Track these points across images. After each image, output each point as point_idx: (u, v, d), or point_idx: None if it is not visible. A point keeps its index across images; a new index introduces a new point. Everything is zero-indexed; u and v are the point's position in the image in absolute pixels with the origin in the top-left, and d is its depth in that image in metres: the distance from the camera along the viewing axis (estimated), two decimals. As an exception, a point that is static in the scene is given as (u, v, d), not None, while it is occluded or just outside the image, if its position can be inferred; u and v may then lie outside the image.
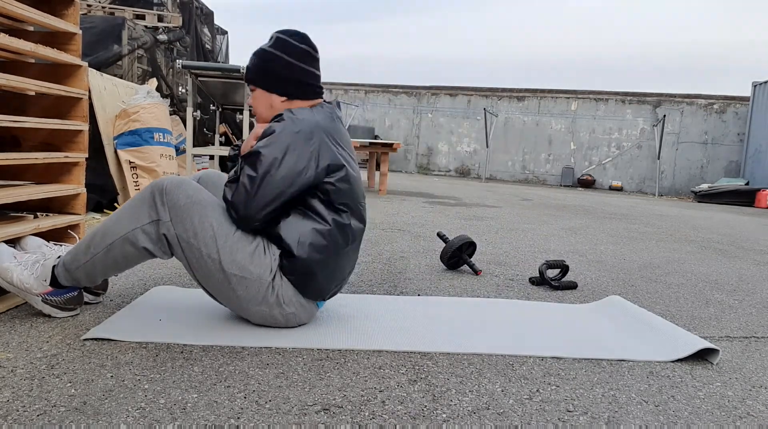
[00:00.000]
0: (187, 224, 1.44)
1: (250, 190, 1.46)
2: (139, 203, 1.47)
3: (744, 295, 2.49)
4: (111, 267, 1.50)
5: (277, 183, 1.46)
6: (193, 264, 1.48)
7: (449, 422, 1.13)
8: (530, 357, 1.52)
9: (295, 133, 1.48)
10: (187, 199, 1.45)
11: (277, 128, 1.48)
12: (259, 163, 1.46)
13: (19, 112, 2.00)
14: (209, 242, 1.45)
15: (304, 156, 1.48)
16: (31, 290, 1.52)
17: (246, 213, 1.47)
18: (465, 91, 14.34)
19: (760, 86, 11.77)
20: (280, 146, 1.46)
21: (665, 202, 10.17)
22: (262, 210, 1.47)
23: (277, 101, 1.61)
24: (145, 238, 1.46)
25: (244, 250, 1.47)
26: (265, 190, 1.46)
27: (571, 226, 4.65)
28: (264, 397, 1.18)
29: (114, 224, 1.48)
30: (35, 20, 1.75)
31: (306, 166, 1.48)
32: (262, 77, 1.60)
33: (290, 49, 1.59)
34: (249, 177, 1.46)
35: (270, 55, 1.59)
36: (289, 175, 1.46)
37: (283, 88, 1.60)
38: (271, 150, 1.46)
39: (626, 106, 13.35)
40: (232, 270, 1.46)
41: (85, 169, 2.04)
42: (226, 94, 5.47)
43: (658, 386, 1.37)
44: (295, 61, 1.58)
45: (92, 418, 1.05)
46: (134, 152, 3.58)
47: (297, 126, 1.48)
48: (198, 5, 6.67)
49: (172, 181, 1.47)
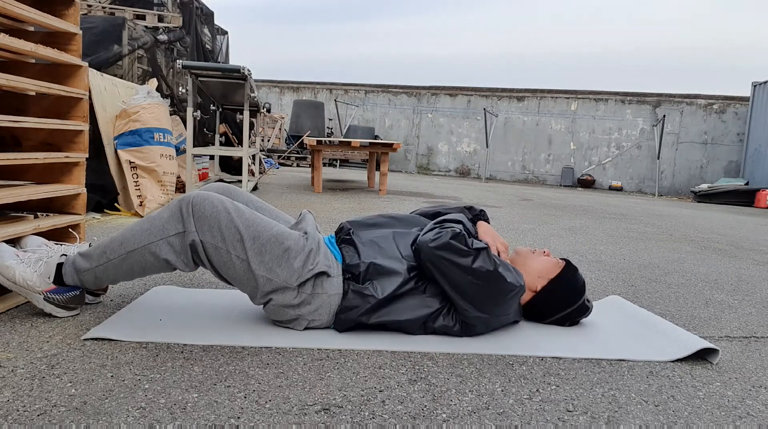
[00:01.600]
0: (215, 231, 1.46)
1: (471, 260, 1.49)
2: (166, 215, 1.49)
3: (744, 295, 2.49)
4: (123, 274, 1.52)
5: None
6: (220, 267, 1.49)
7: (449, 422, 1.13)
8: (530, 357, 1.52)
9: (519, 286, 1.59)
10: (212, 208, 1.47)
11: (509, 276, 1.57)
12: (495, 263, 1.53)
13: (19, 112, 2.00)
14: (237, 245, 1.47)
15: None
16: (34, 288, 1.52)
17: (430, 251, 1.50)
18: (465, 91, 14.34)
19: (760, 86, 11.78)
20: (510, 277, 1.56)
21: (665, 202, 10.17)
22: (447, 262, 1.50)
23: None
24: (169, 250, 1.47)
25: (272, 252, 1.49)
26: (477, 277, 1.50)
27: (571, 226, 4.65)
28: (264, 397, 1.18)
29: (137, 233, 1.49)
30: (35, 20, 1.75)
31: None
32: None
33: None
34: (485, 260, 1.51)
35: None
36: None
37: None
38: (505, 272, 1.55)
39: (626, 106, 13.35)
40: (260, 271, 1.48)
41: (85, 169, 2.04)
42: (226, 94, 5.47)
43: (658, 386, 1.38)
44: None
45: (92, 418, 1.05)
46: (134, 152, 3.58)
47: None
48: (198, 5, 6.67)
49: (198, 194, 1.50)
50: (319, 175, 6.04)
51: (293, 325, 1.56)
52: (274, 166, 9.67)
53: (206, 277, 2.16)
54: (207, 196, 1.50)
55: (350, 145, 6.09)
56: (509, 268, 1.56)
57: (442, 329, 1.58)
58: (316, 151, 6.08)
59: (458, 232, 1.50)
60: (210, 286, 2.03)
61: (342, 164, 13.60)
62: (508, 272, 1.54)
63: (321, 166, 6.09)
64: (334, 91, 15.01)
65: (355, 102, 14.84)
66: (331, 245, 1.65)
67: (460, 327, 1.58)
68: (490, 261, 1.50)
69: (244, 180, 4.80)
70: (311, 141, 5.94)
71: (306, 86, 15.29)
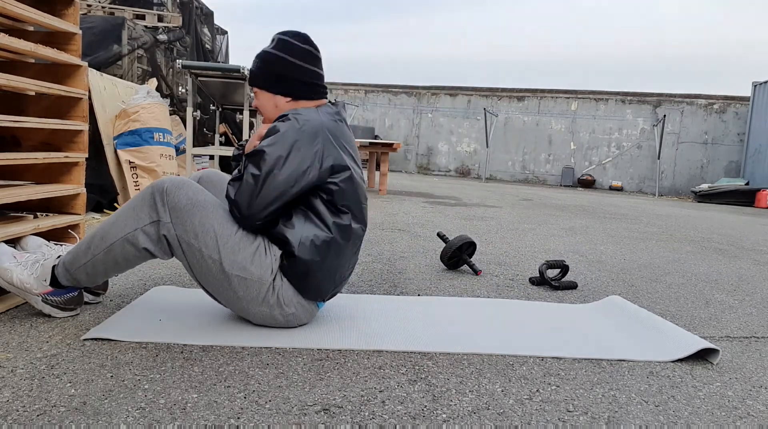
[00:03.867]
0: (188, 225, 1.44)
1: (254, 188, 1.46)
2: (139, 204, 1.47)
3: (744, 295, 2.49)
4: (112, 267, 1.50)
5: (281, 182, 1.46)
6: (194, 264, 1.48)
7: (449, 422, 1.13)
8: (530, 357, 1.51)
9: (299, 132, 1.47)
10: (187, 200, 1.45)
11: (282, 128, 1.48)
12: (263, 161, 1.46)
13: (19, 112, 2.00)
14: (210, 243, 1.45)
15: (308, 156, 1.47)
16: (31, 290, 1.52)
17: (249, 211, 1.47)
18: (465, 91, 14.34)
19: (760, 86, 11.77)
20: (284, 145, 1.46)
21: (665, 202, 10.17)
22: (265, 209, 1.47)
23: (282, 102, 1.61)
24: (146, 239, 1.46)
25: (245, 250, 1.47)
26: (269, 189, 1.46)
27: (571, 226, 4.65)
28: (264, 397, 1.18)
29: (114, 225, 1.48)
30: (35, 20, 1.75)
31: (310, 166, 1.48)
32: (266, 79, 1.60)
33: (292, 50, 1.59)
34: (252, 175, 1.46)
35: (272, 57, 1.59)
36: (292, 174, 1.46)
37: (287, 89, 1.60)
38: (275, 149, 1.46)
39: (626, 106, 13.35)
40: (233, 270, 1.46)
41: (85, 169, 2.04)
42: (226, 94, 5.47)
43: (658, 386, 1.37)
44: (298, 61, 1.58)
45: (92, 418, 1.05)
46: (134, 152, 3.58)
47: (301, 126, 1.48)
48: (198, 5, 6.67)
49: (172, 182, 1.47)
50: (319, 175, 6.02)
51: (287, 324, 1.57)
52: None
53: (206, 277, 2.16)
54: (181, 183, 1.47)
55: (350, 145, 6.07)
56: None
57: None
58: (316, 151, 6.06)
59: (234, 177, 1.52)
60: (210, 286, 2.03)
61: (342, 164, 13.58)
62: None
63: (321, 166, 6.08)
64: (334, 91, 15.00)
65: (355, 102, 14.84)
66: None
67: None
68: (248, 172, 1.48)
69: (244, 180, 4.78)
70: (311, 141, 5.92)
71: (306, 86, 15.27)
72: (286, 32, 1.62)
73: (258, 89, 1.63)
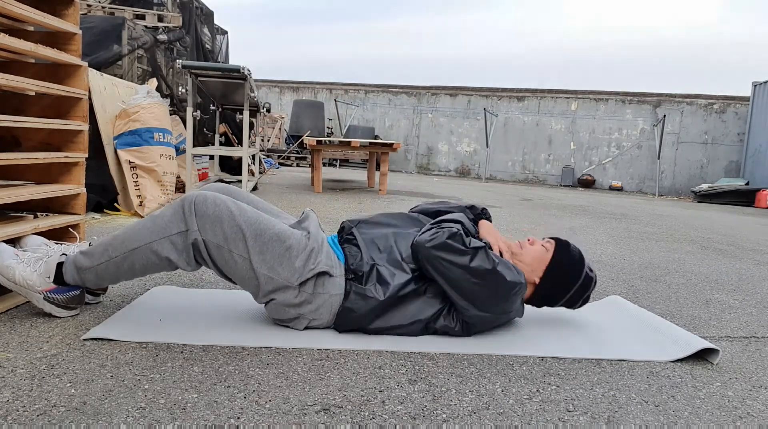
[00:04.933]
0: (217, 229, 1.47)
1: (472, 264, 1.49)
2: (168, 214, 1.49)
3: (744, 295, 2.49)
4: (124, 273, 1.52)
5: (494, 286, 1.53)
6: (223, 265, 1.50)
7: (449, 422, 1.13)
8: (530, 357, 1.51)
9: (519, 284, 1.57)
10: (215, 207, 1.48)
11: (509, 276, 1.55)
12: (494, 262, 1.53)
13: (19, 112, 2.00)
14: (239, 243, 1.47)
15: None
16: (34, 287, 1.52)
17: (427, 251, 1.50)
18: (465, 91, 14.34)
19: (760, 86, 11.77)
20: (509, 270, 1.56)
21: (665, 202, 10.17)
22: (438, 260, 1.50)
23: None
24: (171, 248, 1.47)
25: (273, 250, 1.49)
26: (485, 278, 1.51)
27: (572, 226, 4.65)
28: (264, 397, 1.18)
29: (139, 232, 1.49)
30: (35, 20, 1.75)
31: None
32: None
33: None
34: (484, 259, 1.50)
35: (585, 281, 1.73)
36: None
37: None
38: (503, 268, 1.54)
39: (626, 106, 13.35)
40: (262, 269, 1.48)
41: (85, 169, 2.04)
42: (226, 94, 5.47)
43: (658, 386, 1.37)
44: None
45: (92, 418, 1.05)
46: (134, 152, 3.58)
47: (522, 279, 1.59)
48: (198, 5, 6.67)
49: (201, 194, 1.51)
50: (319, 175, 6.04)
51: (293, 324, 1.56)
52: (274, 166, 9.67)
53: (206, 277, 2.16)
54: (209, 195, 1.50)
55: (350, 145, 6.09)
56: (509, 267, 1.56)
57: (444, 329, 1.58)
58: (316, 151, 6.08)
59: (455, 232, 1.50)
60: (210, 286, 2.03)
61: (342, 164, 13.60)
62: (507, 271, 1.53)
63: (321, 166, 6.09)
64: (334, 91, 15.00)
65: (355, 102, 14.84)
66: (333, 245, 1.65)
67: (461, 326, 1.58)
68: (489, 260, 1.50)
69: (244, 180, 4.79)
70: (311, 141, 5.94)
71: (306, 86, 15.29)
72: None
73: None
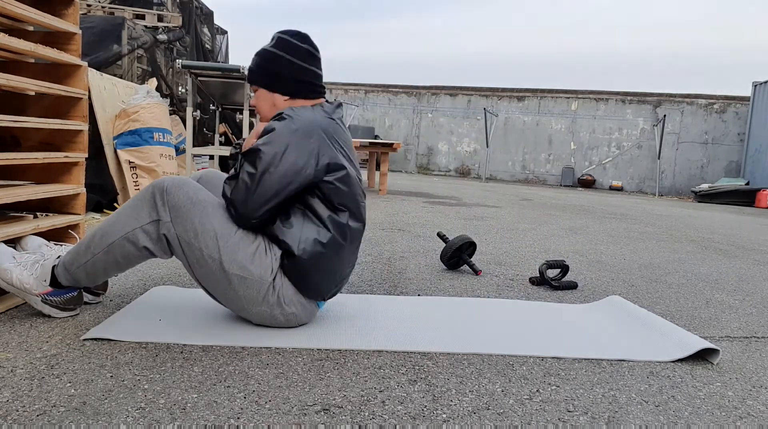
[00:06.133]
0: (188, 225, 1.45)
1: (250, 186, 1.46)
2: (139, 203, 1.47)
3: (744, 295, 2.49)
4: (112, 267, 1.51)
5: (277, 180, 1.46)
6: (194, 264, 1.48)
7: (449, 422, 1.13)
8: (530, 357, 1.51)
9: (294, 130, 1.48)
10: (187, 199, 1.45)
11: (277, 126, 1.49)
12: (258, 160, 1.46)
13: (19, 112, 2.00)
14: (210, 243, 1.45)
15: (303, 154, 1.48)
16: (31, 290, 1.52)
17: (245, 210, 1.47)
18: (465, 91, 14.34)
19: (760, 86, 11.77)
20: (279, 144, 1.46)
21: (665, 202, 10.17)
22: (261, 207, 1.47)
23: (280, 100, 1.61)
24: (146, 238, 1.46)
25: (245, 250, 1.47)
26: (265, 187, 1.46)
27: (571, 226, 4.65)
28: (264, 397, 1.18)
29: (114, 224, 1.48)
30: (35, 20, 1.75)
31: (305, 164, 1.48)
32: (264, 77, 1.61)
33: (292, 49, 1.59)
34: (248, 174, 1.47)
35: (271, 55, 1.59)
36: (288, 172, 1.47)
37: (284, 88, 1.60)
38: (270, 147, 1.46)
39: (626, 106, 13.35)
40: (233, 270, 1.46)
41: (85, 169, 2.04)
42: (226, 94, 5.47)
43: (658, 386, 1.37)
44: (296, 60, 1.59)
45: (92, 418, 1.05)
46: (134, 152, 3.58)
47: (296, 124, 1.48)
48: (198, 5, 6.67)
49: (172, 181, 1.47)
50: (319, 175, 6.02)
51: (288, 323, 1.57)
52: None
53: (206, 277, 2.16)
54: (181, 182, 1.48)
55: (350, 144, 6.07)
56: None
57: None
58: (316, 150, 6.06)
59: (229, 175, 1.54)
60: (210, 286, 2.03)
61: (342, 164, 13.58)
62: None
63: (321, 166, 6.07)
64: (334, 91, 15.00)
65: (355, 102, 14.84)
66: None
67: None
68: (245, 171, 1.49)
69: (244, 180, 4.79)
70: (311, 141, 5.92)
71: (306, 86, 15.27)
72: (286, 31, 1.62)
73: (256, 87, 1.63)
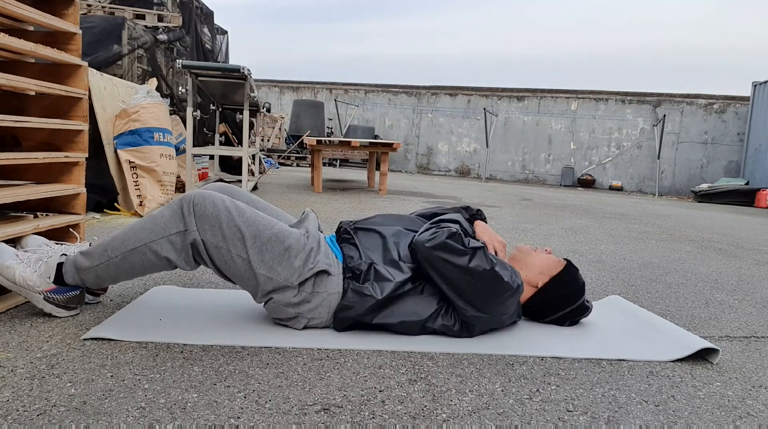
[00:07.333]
0: (216, 230, 1.47)
1: (467, 258, 1.49)
2: (167, 214, 1.49)
3: (744, 295, 2.49)
4: (124, 272, 1.52)
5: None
6: (222, 265, 1.50)
7: (449, 422, 1.13)
8: (530, 357, 1.52)
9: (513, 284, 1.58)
10: (213, 207, 1.48)
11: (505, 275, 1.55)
12: (491, 262, 1.52)
13: (19, 112, 2.00)
14: (238, 244, 1.48)
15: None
16: (34, 288, 1.52)
17: (426, 251, 1.50)
18: (465, 91, 14.34)
19: (760, 86, 11.77)
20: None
21: (665, 202, 10.17)
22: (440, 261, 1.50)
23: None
24: (170, 248, 1.47)
25: (273, 250, 1.50)
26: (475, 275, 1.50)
27: (571, 226, 4.65)
28: (264, 397, 1.18)
29: (138, 232, 1.50)
30: (35, 20, 1.75)
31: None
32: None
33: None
34: (480, 257, 1.50)
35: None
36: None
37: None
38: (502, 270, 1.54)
39: (626, 105, 13.35)
40: (261, 270, 1.48)
41: (85, 168, 2.04)
42: (226, 94, 5.47)
43: (658, 386, 1.37)
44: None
45: (92, 418, 1.05)
46: (134, 152, 3.58)
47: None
48: (198, 5, 6.68)
49: (199, 193, 1.51)
50: (319, 175, 6.04)
51: (292, 323, 1.56)
52: (274, 165, 9.67)
53: (206, 277, 2.16)
54: (208, 194, 1.51)
55: (350, 144, 6.09)
56: (506, 267, 1.56)
57: (442, 329, 1.58)
58: (316, 150, 6.08)
59: (454, 232, 1.51)
60: (210, 286, 2.03)
61: (342, 164, 13.60)
62: (504, 271, 1.54)
63: (321, 166, 6.09)
64: (334, 90, 15.00)
65: (355, 102, 14.84)
66: (332, 244, 1.65)
67: (460, 326, 1.59)
68: (487, 260, 1.50)
69: (244, 180, 4.80)
70: (311, 141, 5.94)
71: (306, 86, 15.29)
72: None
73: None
